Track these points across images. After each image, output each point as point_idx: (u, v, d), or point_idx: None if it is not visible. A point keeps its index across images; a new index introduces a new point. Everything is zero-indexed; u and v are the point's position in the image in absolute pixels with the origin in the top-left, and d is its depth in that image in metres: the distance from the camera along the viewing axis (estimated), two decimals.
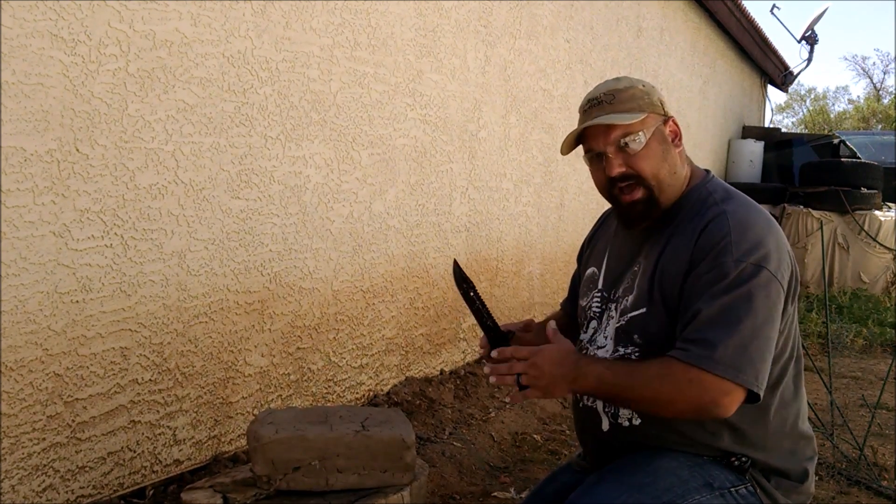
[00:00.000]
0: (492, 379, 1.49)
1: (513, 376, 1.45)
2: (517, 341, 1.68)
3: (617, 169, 1.53)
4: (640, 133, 1.52)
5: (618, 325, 1.58)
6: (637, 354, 1.54)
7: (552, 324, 1.54)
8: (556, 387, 1.45)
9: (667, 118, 1.57)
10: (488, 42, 3.90)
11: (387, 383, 3.37)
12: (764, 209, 1.56)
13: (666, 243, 1.54)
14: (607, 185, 1.57)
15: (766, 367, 1.40)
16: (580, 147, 1.63)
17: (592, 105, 1.56)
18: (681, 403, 1.39)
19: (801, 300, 6.75)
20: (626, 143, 1.52)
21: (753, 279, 1.40)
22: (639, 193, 1.54)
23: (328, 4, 2.81)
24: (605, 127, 1.53)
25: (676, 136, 1.59)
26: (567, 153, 1.62)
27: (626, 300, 1.58)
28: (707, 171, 1.65)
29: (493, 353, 1.49)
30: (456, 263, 1.69)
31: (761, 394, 1.39)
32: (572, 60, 4.88)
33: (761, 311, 1.39)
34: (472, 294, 1.63)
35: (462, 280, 1.64)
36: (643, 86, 1.57)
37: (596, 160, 1.57)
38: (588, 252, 1.83)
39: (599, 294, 1.68)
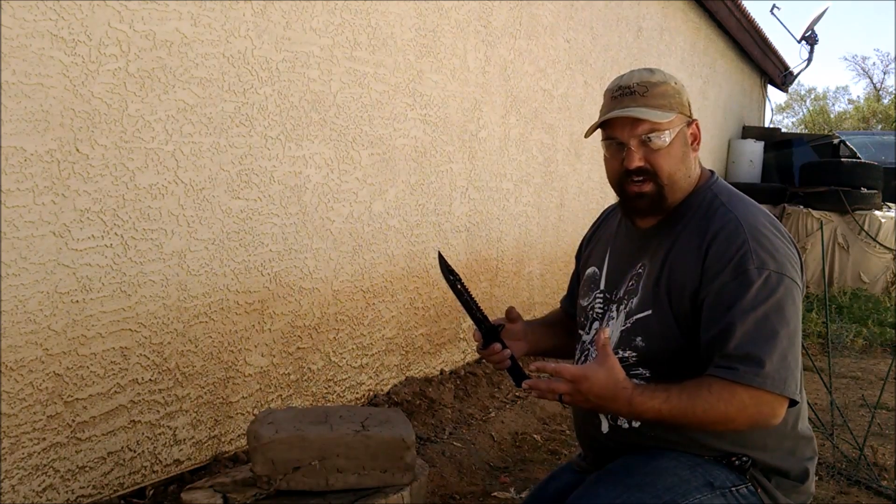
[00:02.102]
0: (524, 385, 1.46)
1: (554, 394, 1.39)
2: (507, 333, 1.68)
3: (636, 162, 1.52)
4: (666, 132, 1.51)
5: (623, 327, 1.57)
6: (635, 359, 1.54)
7: (605, 334, 1.39)
8: (612, 407, 1.41)
9: (691, 120, 1.58)
10: (488, 42, 3.90)
11: (387, 383, 3.37)
12: (767, 210, 1.56)
13: (672, 245, 1.54)
14: (621, 176, 1.56)
15: (799, 371, 1.44)
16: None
17: (624, 94, 1.53)
18: (739, 421, 1.40)
19: (802, 300, 6.72)
20: (650, 139, 1.51)
21: (780, 288, 1.41)
22: (648, 187, 1.53)
23: (328, 4, 2.81)
24: (633, 119, 1.51)
25: (696, 139, 1.59)
26: (588, 136, 1.62)
27: (631, 302, 1.57)
28: (712, 172, 1.65)
29: (533, 367, 1.44)
30: (441, 255, 1.69)
31: (798, 399, 1.42)
32: (572, 60, 4.88)
33: (791, 319, 1.42)
34: (459, 286, 1.63)
35: (448, 272, 1.64)
36: (675, 83, 1.56)
37: (615, 149, 1.56)
38: (588, 251, 1.82)
39: (602, 295, 1.68)
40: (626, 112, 1.51)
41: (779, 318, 1.40)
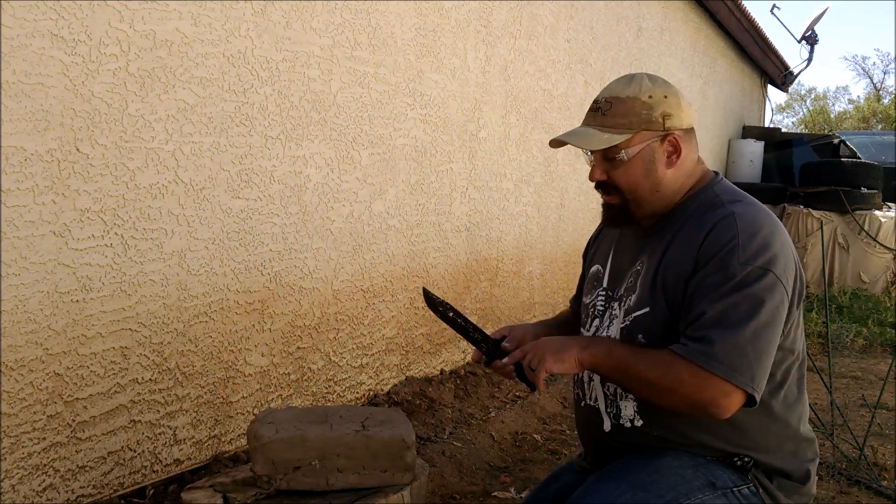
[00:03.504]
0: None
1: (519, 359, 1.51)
2: (511, 340, 1.68)
3: (596, 176, 1.58)
4: (621, 152, 1.54)
5: (622, 324, 1.58)
6: None
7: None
8: (567, 351, 1.48)
9: (666, 134, 1.55)
10: (488, 42, 3.90)
11: (387, 383, 3.37)
12: (771, 212, 1.56)
13: (669, 243, 1.54)
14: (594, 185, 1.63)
15: (765, 370, 1.41)
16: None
17: (592, 108, 1.58)
18: (679, 395, 1.40)
19: (800, 302, 6.72)
20: (611, 155, 1.55)
21: (759, 282, 1.40)
22: (614, 200, 1.59)
23: (328, 4, 2.81)
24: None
25: (675, 150, 1.56)
26: (555, 148, 1.66)
27: (630, 299, 1.58)
28: (716, 173, 1.64)
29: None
30: (425, 290, 1.67)
31: (758, 397, 1.39)
32: (572, 60, 4.88)
33: (764, 315, 1.39)
34: (450, 315, 1.62)
35: (436, 305, 1.63)
36: (650, 97, 1.53)
37: (587, 158, 1.62)
38: (593, 250, 1.84)
39: (604, 292, 1.68)
40: (569, 139, 1.57)
41: (749, 310, 1.39)
